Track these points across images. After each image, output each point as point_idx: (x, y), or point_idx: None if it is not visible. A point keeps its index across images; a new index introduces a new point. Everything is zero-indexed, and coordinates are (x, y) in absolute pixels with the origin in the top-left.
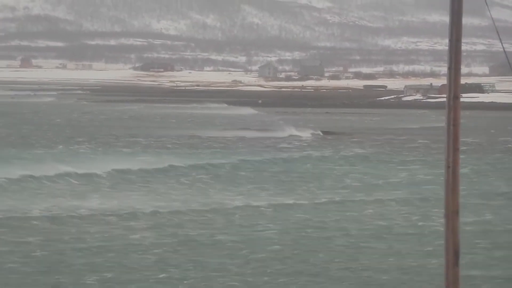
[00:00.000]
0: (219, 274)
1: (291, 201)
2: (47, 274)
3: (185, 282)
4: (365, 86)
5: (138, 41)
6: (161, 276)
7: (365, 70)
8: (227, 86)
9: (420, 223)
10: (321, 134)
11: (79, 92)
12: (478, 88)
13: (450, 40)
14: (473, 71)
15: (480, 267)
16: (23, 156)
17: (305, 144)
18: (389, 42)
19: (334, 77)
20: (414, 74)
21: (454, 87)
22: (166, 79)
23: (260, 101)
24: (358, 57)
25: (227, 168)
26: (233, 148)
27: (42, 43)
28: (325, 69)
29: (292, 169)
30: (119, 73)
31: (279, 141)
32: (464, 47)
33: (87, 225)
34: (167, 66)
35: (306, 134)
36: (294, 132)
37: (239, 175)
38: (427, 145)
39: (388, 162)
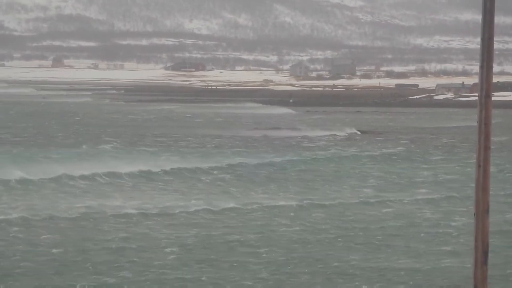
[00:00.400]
0: (236, 273)
1: (313, 201)
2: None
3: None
4: (397, 85)
5: (169, 41)
6: (187, 276)
7: (397, 68)
8: (258, 86)
9: (442, 222)
10: (358, 133)
11: (114, 92)
12: (510, 87)
13: (482, 39)
14: (505, 70)
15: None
16: (64, 156)
17: (341, 143)
18: (421, 41)
19: (365, 76)
20: (446, 73)
21: (486, 85)
22: (197, 79)
23: (291, 100)
24: (390, 56)
25: (257, 168)
26: (264, 147)
27: (74, 43)
28: (357, 68)
29: (327, 168)
30: (150, 73)
31: (315, 140)
32: (496, 45)
33: (110, 225)
34: (199, 65)
35: (342, 133)
36: (331, 131)
37: (269, 174)
38: (454, 144)
39: (417, 160)
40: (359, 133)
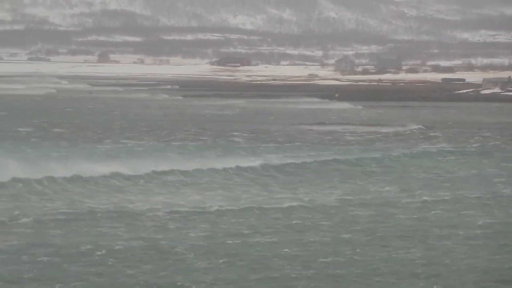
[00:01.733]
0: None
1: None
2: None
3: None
4: (443, 79)
5: (214, 36)
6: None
7: (443, 63)
8: (304, 80)
9: (486, 221)
10: (423, 128)
11: (168, 87)
12: None
13: None
14: None
15: None
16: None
17: (419, 138)
18: (467, 35)
19: (411, 70)
20: (492, 67)
21: None
22: (243, 74)
23: (336, 95)
24: (436, 51)
25: (314, 164)
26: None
27: (119, 38)
28: (403, 63)
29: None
30: (196, 68)
31: (393, 135)
32: None
33: (141, 222)
34: (244, 60)
35: (409, 127)
36: (404, 127)
37: (324, 171)
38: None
39: (462, 156)
40: (424, 128)
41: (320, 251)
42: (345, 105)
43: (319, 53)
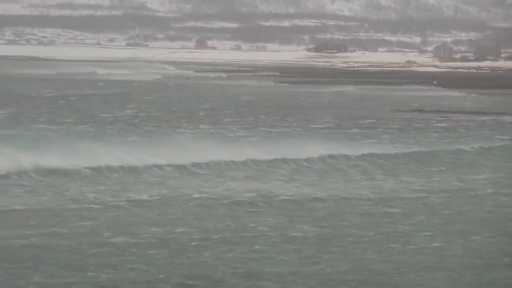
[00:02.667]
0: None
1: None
2: None
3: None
4: None
5: (311, 22)
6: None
7: None
8: (401, 67)
9: None
10: None
11: (270, 73)
12: None
13: None
14: None
15: None
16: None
17: None
18: None
19: (511, 58)
20: None
21: None
22: (339, 60)
23: (435, 82)
24: None
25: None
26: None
27: (217, 24)
28: (502, 50)
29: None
30: (292, 54)
31: None
32: None
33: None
34: (340, 47)
35: None
36: None
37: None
38: None
39: None
40: None
41: None
42: (444, 92)
43: (417, 39)
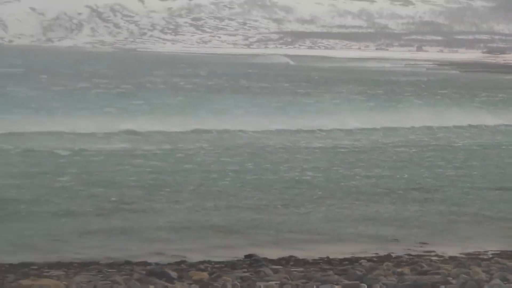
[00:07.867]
0: None
1: None
2: None
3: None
4: None
5: (485, 36)
6: None
7: None
8: None
9: None
10: None
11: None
12: None
13: None
14: None
15: None
16: None
17: None
18: None
19: None
20: None
21: None
22: (502, 58)
23: None
24: None
25: None
26: None
27: (429, 37)
28: None
29: None
30: (472, 55)
31: None
32: None
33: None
34: (504, 50)
35: None
36: None
37: None
38: None
39: None
40: None
41: None
42: None
43: None
